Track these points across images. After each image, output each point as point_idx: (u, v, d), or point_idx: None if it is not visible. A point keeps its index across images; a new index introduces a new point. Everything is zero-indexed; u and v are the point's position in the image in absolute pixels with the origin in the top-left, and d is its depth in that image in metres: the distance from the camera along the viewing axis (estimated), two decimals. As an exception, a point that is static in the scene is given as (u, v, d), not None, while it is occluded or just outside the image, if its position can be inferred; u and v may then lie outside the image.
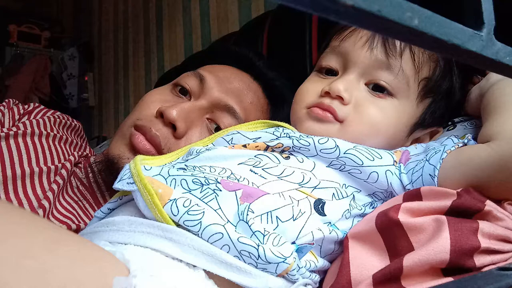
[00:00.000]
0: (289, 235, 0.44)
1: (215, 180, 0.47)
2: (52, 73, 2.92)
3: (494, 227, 0.37)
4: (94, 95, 2.71)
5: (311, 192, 0.49)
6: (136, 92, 2.23)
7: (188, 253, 0.40)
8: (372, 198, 0.52)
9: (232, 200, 0.45)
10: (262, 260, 0.41)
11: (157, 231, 0.42)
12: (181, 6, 1.87)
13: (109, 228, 0.45)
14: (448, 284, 0.29)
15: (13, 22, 2.90)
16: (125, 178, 0.48)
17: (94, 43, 2.77)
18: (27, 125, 0.75)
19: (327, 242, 0.47)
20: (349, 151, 0.50)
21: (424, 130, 0.59)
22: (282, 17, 1.14)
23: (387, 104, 0.55)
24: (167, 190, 0.45)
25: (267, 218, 0.44)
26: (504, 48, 0.21)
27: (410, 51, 0.54)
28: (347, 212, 0.49)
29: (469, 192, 0.41)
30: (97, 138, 2.45)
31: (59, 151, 0.77)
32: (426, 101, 0.57)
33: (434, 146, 0.51)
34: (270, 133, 0.57)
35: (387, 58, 0.54)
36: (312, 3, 0.15)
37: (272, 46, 1.15)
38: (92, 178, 0.76)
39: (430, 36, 0.17)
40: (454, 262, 0.35)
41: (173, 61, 1.88)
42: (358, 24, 0.16)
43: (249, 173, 0.49)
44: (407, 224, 0.40)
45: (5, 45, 2.88)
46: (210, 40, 1.67)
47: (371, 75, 0.55)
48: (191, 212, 0.43)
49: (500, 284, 0.24)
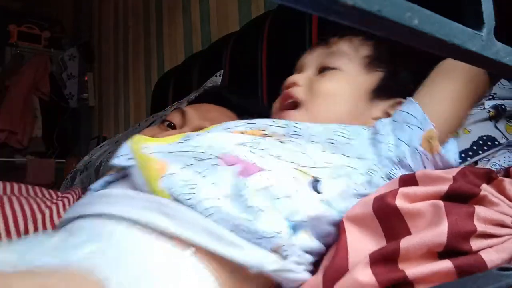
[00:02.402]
0: (284, 211, 0.44)
1: (212, 155, 0.48)
2: (52, 73, 2.91)
3: (490, 212, 0.38)
4: (94, 95, 2.71)
5: (308, 171, 0.49)
6: (136, 92, 2.23)
7: (182, 227, 0.41)
8: (369, 176, 0.52)
9: (229, 175, 0.45)
10: (256, 234, 0.41)
11: (152, 205, 0.42)
12: (181, 6, 1.87)
13: (105, 200, 0.45)
14: (448, 284, 0.29)
15: (13, 22, 2.90)
16: (123, 154, 0.49)
17: (94, 43, 2.77)
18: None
19: (321, 221, 0.46)
20: (336, 131, 0.55)
21: (388, 100, 0.64)
22: (282, 17, 1.14)
23: (334, 75, 0.64)
24: (164, 165, 0.46)
25: (262, 194, 0.44)
26: (504, 48, 0.21)
27: (346, 37, 0.66)
28: (343, 192, 0.49)
29: (464, 177, 0.41)
30: (97, 138, 2.45)
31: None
32: (378, 73, 0.65)
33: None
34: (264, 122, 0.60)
35: (327, 48, 0.67)
36: (312, 3, 0.15)
37: (272, 46, 1.15)
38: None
39: (430, 36, 0.17)
40: (450, 245, 0.36)
41: (173, 61, 1.88)
42: (358, 24, 0.16)
43: (248, 153, 0.50)
44: (405, 209, 0.40)
45: (5, 45, 2.87)
46: (210, 40, 1.67)
47: (318, 64, 0.67)
48: (187, 185, 0.43)
49: (500, 284, 0.24)
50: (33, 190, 0.89)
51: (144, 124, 1.43)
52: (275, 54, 1.14)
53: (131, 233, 0.41)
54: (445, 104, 0.57)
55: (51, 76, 2.89)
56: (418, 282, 0.35)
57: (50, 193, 0.89)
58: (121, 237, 0.41)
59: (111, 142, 1.51)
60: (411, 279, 0.35)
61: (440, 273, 0.35)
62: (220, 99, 0.89)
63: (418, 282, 0.35)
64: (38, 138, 2.82)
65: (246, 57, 1.23)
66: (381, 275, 0.36)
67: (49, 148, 2.87)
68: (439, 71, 0.60)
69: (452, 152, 0.55)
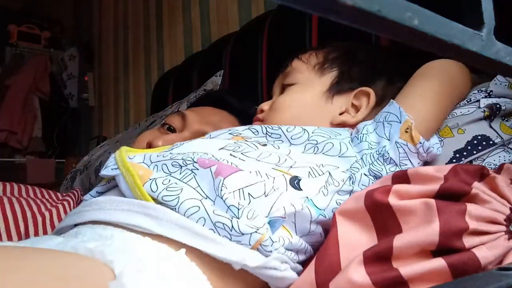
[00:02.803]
0: (261, 210, 0.46)
1: (192, 159, 0.50)
2: (52, 73, 2.91)
3: (482, 209, 0.38)
4: (94, 95, 2.71)
5: (287, 170, 0.52)
6: (136, 92, 2.23)
7: (165, 227, 0.42)
8: (351, 173, 0.55)
9: (208, 176, 0.47)
10: (236, 232, 0.42)
11: (136, 208, 0.44)
12: (181, 6, 1.87)
13: (92, 208, 0.47)
14: (448, 284, 0.29)
15: (13, 22, 2.90)
16: (109, 165, 0.52)
17: (94, 43, 2.77)
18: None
19: (300, 218, 0.48)
20: (315, 131, 0.58)
21: (349, 92, 0.67)
22: (282, 17, 1.14)
23: (291, 88, 0.70)
24: (147, 172, 0.49)
25: (239, 194, 0.46)
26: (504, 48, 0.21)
27: (296, 57, 0.73)
28: (324, 189, 0.51)
29: (456, 175, 0.41)
30: (97, 138, 2.45)
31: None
32: (331, 73, 0.69)
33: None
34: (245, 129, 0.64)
35: (284, 72, 0.73)
36: (312, 3, 0.15)
37: (272, 46, 1.15)
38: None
39: (430, 36, 0.17)
40: (443, 243, 0.36)
41: (173, 61, 1.88)
42: (358, 24, 0.16)
43: (229, 156, 0.52)
44: (397, 206, 0.40)
45: (5, 45, 2.87)
46: (210, 40, 1.67)
47: (280, 87, 0.74)
48: (169, 188, 0.46)
49: (500, 284, 0.24)
50: (33, 191, 0.89)
51: (144, 124, 1.43)
52: (275, 54, 1.14)
53: (129, 235, 0.43)
54: (425, 101, 0.59)
55: (51, 76, 2.89)
56: (412, 281, 0.35)
57: (50, 195, 0.89)
58: (121, 238, 0.43)
59: (111, 142, 1.51)
60: (406, 278, 0.35)
61: (434, 271, 0.35)
62: (222, 103, 0.90)
63: (412, 281, 0.35)
64: (38, 138, 2.82)
65: (246, 57, 1.23)
66: (375, 275, 0.36)
67: (49, 148, 2.87)
68: (419, 73, 0.62)
69: (437, 146, 0.57)
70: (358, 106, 0.67)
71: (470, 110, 0.62)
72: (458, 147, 0.59)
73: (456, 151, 0.59)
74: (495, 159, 0.57)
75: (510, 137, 0.58)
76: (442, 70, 0.62)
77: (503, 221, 0.38)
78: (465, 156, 0.58)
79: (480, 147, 0.58)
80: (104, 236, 0.43)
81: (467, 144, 0.59)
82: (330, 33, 0.98)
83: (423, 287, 0.35)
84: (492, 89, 0.62)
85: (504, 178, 0.41)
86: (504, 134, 0.58)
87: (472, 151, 0.58)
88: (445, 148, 0.60)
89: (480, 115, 0.60)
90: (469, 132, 0.60)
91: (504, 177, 0.41)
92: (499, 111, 0.59)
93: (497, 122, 0.60)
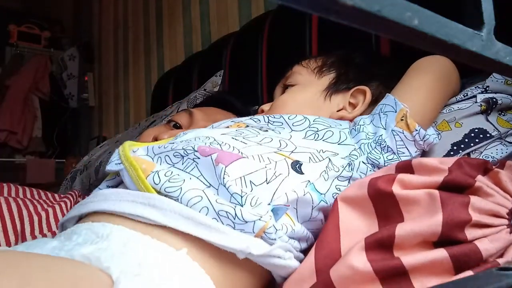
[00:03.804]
0: (264, 197, 0.46)
1: (192, 148, 0.50)
2: (52, 73, 2.91)
3: (485, 202, 0.38)
4: (94, 95, 2.71)
5: (289, 155, 0.52)
6: (136, 92, 2.23)
7: (169, 217, 0.43)
8: (350, 160, 0.56)
9: (209, 164, 0.48)
10: (239, 220, 0.42)
11: (140, 199, 0.45)
12: (181, 6, 1.87)
13: (98, 199, 0.48)
14: (448, 284, 0.29)
15: (13, 22, 2.90)
16: (114, 160, 0.53)
17: (94, 43, 2.76)
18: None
19: (302, 204, 0.48)
20: (316, 120, 0.61)
21: (346, 92, 0.70)
22: (282, 17, 1.14)
23: (291, 88, 0.74)
24: (150, 165, 0.50)
25: (241, 182, 0.46)
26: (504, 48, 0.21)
27: (297, 63, 0.77)
28: (325, 173, 0.52)
29: (460, 167, 0.41)
30: (97, 138, 2.45)
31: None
32: (330, 75, 0.73)
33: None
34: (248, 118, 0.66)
35: (285, 75, 0.77)
36: (312, 3, 0.15)
37: (272, 46, 1.15)
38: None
39: (430, 36, 0.17)
40: (445, 234, 0.36)
41: (173, 61, 1.88)
42: (358, 24, 0.16)
43: (231, 140, 0.53)
44: (400, 195, 0.40)
45: (5, 45, 2.87)
46: (210, 40, 1.67)
47: (282, 88, 0.78)
48: (172, 180, 0.46)
49: (500, 284, 0.24)
50: (30, 192, 0.89)
51: (144, 124, 1.43)
52: (275, 54, 1.14)
53: (127, 233, 0.43)
54: (420, 93, 0.61)
55: (51, 76, 2.89)
56: (412, 272, 0.35)
57: (47, 196, 0.89)
58: (119, 238, 0.42)
59: (111, 142, 1.50)
60: (407, 267, 0.35)
61: (436, 262, 0.35)
62: (226, 105, 0.94)
63: (412, 272, 0.35)
64: (38, 138, 2.82)
65: (246, 57, 1.23)
66: (377, 262, 0.36)
67: (49, 148, 2.87)
68: (414, 68, 0.65)
69: (433, 135, 0.58)
70: (355, 104, 0.70)
71: (467, 104, 0.63)
72: (456, 140, 0.60)
73: (454, 144, 0.59)
74: (493, 152, 0.57)
75: (507, 131, 0.58)
76: (436, 66, 0.64)
77: (506, 215, 0.38)
78: (463, 148, 0.59)
79: (477, 140, 0.58)
80: (101, 235, 0.43)
81: (464, 137, 0.59)
82: (330, 33, 0.98)
83: (422, 278, 0.35)
84: (488, 85, 0.63)
85: (508, 173, 0.41)
86: (501, 128, 0.59)
87: (470, 143, 0.59)
88: (442, 141, 0.60)
89: (477, 109, 0.61)
90: (466, 126, 0.60)
91: (507, 173, 0.41)
92: (496, 105, 0.60)
93: (494, 116, 0.60)
